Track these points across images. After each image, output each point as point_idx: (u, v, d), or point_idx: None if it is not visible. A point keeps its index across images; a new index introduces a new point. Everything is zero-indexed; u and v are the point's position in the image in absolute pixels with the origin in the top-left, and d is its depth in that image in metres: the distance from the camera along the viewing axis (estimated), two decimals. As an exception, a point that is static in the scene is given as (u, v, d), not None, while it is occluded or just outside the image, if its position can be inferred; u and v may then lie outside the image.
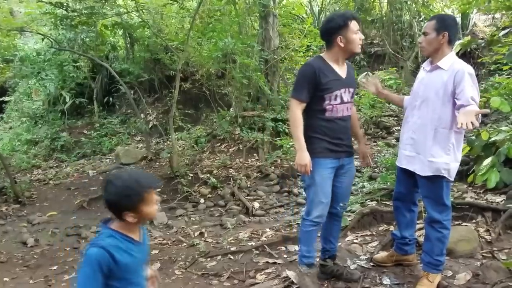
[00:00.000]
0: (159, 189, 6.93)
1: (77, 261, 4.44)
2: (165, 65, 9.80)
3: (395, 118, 8.90)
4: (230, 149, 8.10)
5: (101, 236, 1.68)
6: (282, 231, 4.66)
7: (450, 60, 2.65)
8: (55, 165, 9.56)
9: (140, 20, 9.09)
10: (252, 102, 8.93)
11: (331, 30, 2.66)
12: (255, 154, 8.00)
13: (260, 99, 8.96)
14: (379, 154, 7.15)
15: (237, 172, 7.28)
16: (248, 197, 6.44)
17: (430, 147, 2.67)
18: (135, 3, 8.21)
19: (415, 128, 2.77)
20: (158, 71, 10.43)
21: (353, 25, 2.66)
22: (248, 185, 6.93)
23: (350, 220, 4.11)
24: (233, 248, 4.15)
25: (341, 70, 2.76)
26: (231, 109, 8.91)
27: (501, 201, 4.07)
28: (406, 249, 3.14)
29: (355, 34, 2.66)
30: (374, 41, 10.71)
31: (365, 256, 3.42)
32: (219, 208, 6.16)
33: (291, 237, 4.11)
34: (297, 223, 4.82)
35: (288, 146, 7.60)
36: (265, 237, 4.51)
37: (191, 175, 7.06)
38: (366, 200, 4.83)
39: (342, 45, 2.65)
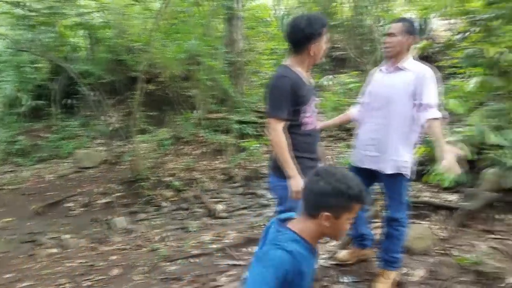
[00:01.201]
0: (122, 193, 6.85)
1: (32, 268, 4.27)
2: (128, 67, 9.60)
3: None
4: (194, 152, 8.04)
5: (283, 238, 1.47)
6: (245, 232, 4.65)
7: (412, 62, 2.73)
8: (11, 170, 9.16)
9: (102, 20, 8.91)
10: (217, 104, 8.91)
11: (309, 36, 2.42)
12: (219, 157, 7.98)
13: (225, 101, 8.95)
14: (340, 156, 7.28)
15: (202, 174, 7.23)
16: (212, 200, 6.39)
17: (393, 146, 2.75)
18: (97, 3, 8.04)
19: (378, 128, 2.81)
20: (121, 73, 10.21)
21: (325, 33, 2.50)
22: (213, 188, 6.90)
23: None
24: (195, 252, 4.10)
25: (307, 78, 2.58)
26: (195, 111, 8.85)
27: (455, 199, 4.23)
28: (365, 243, 3.25)
29: (325, 44, 2.50)
30: (336, 46, 10.90)
31: (324, 255, 3.46)
32: (182, 211, 6.08)
33: (254, 238, 4.11)
34: (260, 225, 4.83)
35: (252, 148, 7.63)
36: (228, 239, 4.48)
37: (154, 178, 6.94)
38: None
39: (312, 53, 2.47)
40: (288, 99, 2.42)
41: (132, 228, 5.44)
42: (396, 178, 2.78)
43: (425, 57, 10.43)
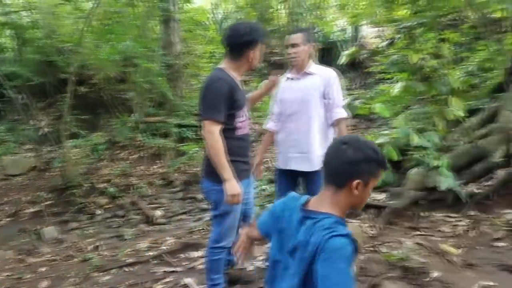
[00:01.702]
0: (52, 202, 6.50)
1: None
2: (58, 68, 9.13)
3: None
4: (131, 157, 7.81)
5: (329, 223, 1.39)
6: (184, 238, 4.59)
7: (317, 67, 3.01)
8: None
9: (30, 20, 8.42)
10: (155, 107, 8.72)
11: (249, 43, 2.50)
12: (158, 161, 7.81)
13: (164, 104, 8.79)
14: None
15: (139, 180, 7.04)
16: (150, 206, 6.24)
17: (315, 144, 2.94)
18: (24, 1, 7.58)
19: (298, 130, 2.97)
20: (51, 75, 9.68)
21: (263, 42, 2.59)
22: (151, 193, 6.74)
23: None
24: (130, 260, 3.98)
25: (241, 83, 2.64)
26: (132, 114, 8.60)
27: (383, 198, 4.46)
28: None
29: (260, 51, 2.60)
30: (274, 51, 11.11)
31: (262, 257, 3.50)
32: (118, 219, 5.88)
33: (192, 243, 4.07)
34: (199, 229, 4.79)
35: (191, 152, 7.55)
36: (166, 245, 4.39)
37: (87, 185, 6.66)
38: (265, 202, 4.96)
39: (250, 60, 2.55)
40: (225, 102, 2.44)
41: (63, 238, 5.19)
42: (319, 174, 2.95)
43: (355, 63, 10.97)
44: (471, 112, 5.25)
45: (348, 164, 1.44)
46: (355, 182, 1.43)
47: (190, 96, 9.49)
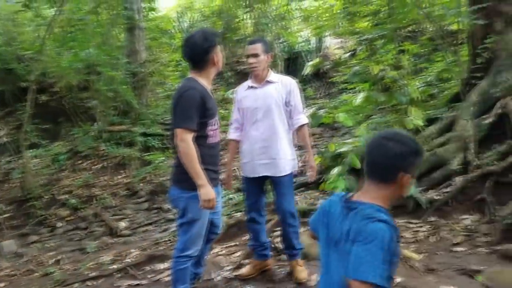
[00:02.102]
0: (10, 214, 6.23)
1: None
2: (18, 76, 8.82)
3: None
4: (94, 167, 7.61)
5: (370, 211, 1.41)
6: (149, 250, 4.51)
7: (276, 75, 3.16)
8: None
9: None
10: (119, 116, 8.56)
11: (209, 49, 2.55)
12: (122, 171, 7.66)
13: (128, 113, 8.65)
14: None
15: (102, 191, 6.87)
16: (114, 217, 6.10)
17: (283, 149, 3.05)
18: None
19: (265, 137, 3.03)
20: (10, 83, 9.33)
21: (219, 42, 2.68)
22: (114, 204, 6.58)
23: (216, 233, 4.17)
24: (93, 274, 3.87)
25: (211, 92, 2.69)
26: (95, 123, 8.40)
27: (348, 205, 4.54)
28: (266, 254, 3.35)
29: (221, 52, 2.68)
30: (241, 60, 11.18)
31: (229, 266, 3.49)
32: (80, 231, 5.71)
33: (158, 255, 4.00)
34: (165, 241, 4.73)
35: (157, 161, 7.45)
36: (130, 258, 4.31)
37: (48, 196, 6.44)
38: (232, 211, 4.95)
39: (215, 63, 2.61)
40: (197, 111, 2.48)
41: (23, 252, 5.00)
42: (289, 176, 3.10)
43: (319, 74, 11.19)
44: (430, 121, 5.47)
45: (396, 159, 1.46)
46: (404, 175, 1.46)
47: (155, 105, 9.38)
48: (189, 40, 2.61)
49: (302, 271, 3.15)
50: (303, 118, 3.14)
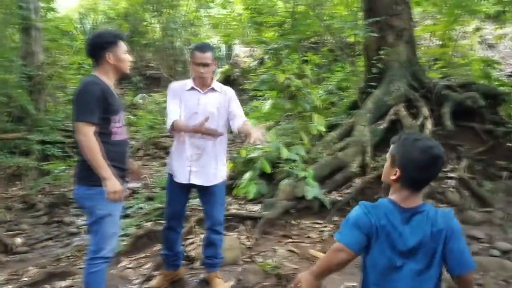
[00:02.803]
0: None
1: None
2: None
3: (172, 139, 9.24)
4: (-17, 179, 6.87)
5: (437, 210, 1.58)
6: (49, 267, 4.18)
7: (219, 84, 3.13)
8: None
9: None
10: (13, 122, 7.84)
11: (100, 46, 2.55)
12: (18, 182, 7.02)
13: (24, 119, 7.97)
14: (157, 174, 7.25)
15: (-6, 204, 6.21)
16: (9, 233, 5.54)
17: (218, 158, 3.02)
18: None
19: (199, 144, 2.98)
20: None
21: (122, 44, 2.62)
22: (9, 219, 5.99)
23: (124, 245, 4.00)
24: (-17, 297, 3.49)
25: (115, 90, 2.67)
26: (-16, 131, 7.60)
27: (258, 209, 4.66)
28: (178, 264, 3.29)
29: (125, 54, 2.62)
30: (150, 64, 10.93)
31: (137, 279, 3.37)
32: (-33, 251, 5.10)
33: (58, 272, 3.72)
34: (67, 256, 4.42)
35: (57, 171, 6.95)
36: (27, 276, 3.95)
37: None
38: (142, 221, 4.79)
39: (112, 62, 2.57)
40: (98, 105, 2.45)
41: None
42: (221, 186, 3.09)
43: (230, 81, 11.36)
44: (331, 127, 5.85)
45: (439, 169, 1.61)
46: None
47: (55, 110, 8.77)
48: (88, 37, 2.70)
49: (221, 284, 3.12)
50: (244, 118, 3.11)
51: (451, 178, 5.00)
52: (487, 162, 5.36)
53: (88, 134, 2.41)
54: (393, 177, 1.59)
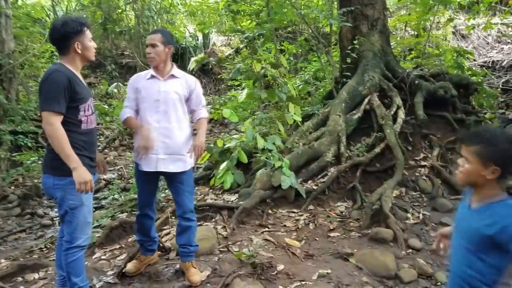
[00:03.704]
0: None
1: None
2: None
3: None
4: (-50, 171, 6.64)
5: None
6: (21, 259, 4.10)
7: (180, 71, 3.07)
8: None
9: None
10: (-18, 112, 7.59)
11: (68, 34, 2.48)
12: (-12, 174, 6.81)
13: (-6, 109, 7.71)
14: (132, 165, 7.17)
15: (-37, 197, 6.04)
16: (-22, 226, 5.41)
17: (183, 145, 2.98)
18: None
19: (165, 132, 2.95)
20: None
21: (88, 32, 2.57)
22: (-22, 212, 5.84)
23: (98, 236, 3.96)
24: (-50, 293, 3.40)
25: (81, 78, 2.62)
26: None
27: (235, 199, 4.67)
28: (154, 249, 3.36)
29: (90, 42, 2.58)
30: (125, 52, 10.70)
31: (112, 271, 3.35)
32: None
33: (30, 264, 3.66)
34: (40, 248, 4.35)
35: (29, 162, 6.79)
36: (-1, 269, 3.87)
37: None
38: (116, 212, 4.75)
39: (79, 51, 2.52)
40: (65, 93, 2.41)
41: None
42: (189, 173, 3.07)
43: (207, 70, 11.26)
44: (308, 117, 5.88)
45: None
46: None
47: (27, 100, 8.53)
48: (53, 24, 2.56)
49: (196, 274, 3.12)
50: (203, 111, 3.12)
51: (423, 166, 5.12)
52: (459, 151, 5.50)
53: (54, 123, 2.37)
54: (491, 176, 1.62)
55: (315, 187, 4.79)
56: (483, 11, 10.55)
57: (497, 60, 10.75)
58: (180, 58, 11.03)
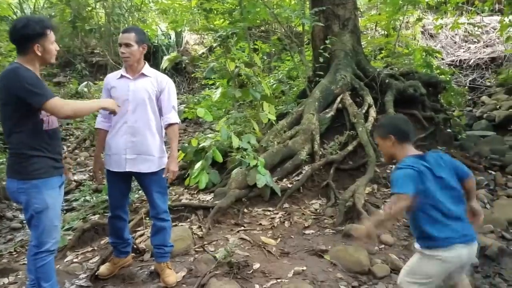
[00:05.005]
0: None
1: None
2: None
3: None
4: None
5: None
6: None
7: (152, 69, 3.03)
8: None
9: None
10: None
11: (28, 36, 2.39)
12: (-48, 177, 6.55)
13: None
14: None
15: None
16: None
17: (153, 145, 2.94)
18: None
19: (133, 131, 2.91)
20: None
21: (52, 34, 2.49)
22: None
23: (69, 239, 3.88)
24: None
25: (41, 76, 2.54)
26: None
27: (210, 199, 4.66)
28: (128, 251, 3.31)
29: (52, 45, 2.49)
30: (96, 51, 10.48)
31: (85, 274, 3.29)
32: None
33: None
34: (10, 252, 4.22)
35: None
36: (-35, 276, 3.73)
37: None
38: (88, 214, 4.66)
39: (39, 54, 2.43)
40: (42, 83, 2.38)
41: None
42: (160, 174, 3.00)
43: (180, 69, 11.16)
44: (282, 116, 5.92)
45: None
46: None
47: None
48: (13, 24, 2.47)
49: (171, 275, 3.09)
50: (173, 117, 2.99)
51: (394, 163, 5.23)
52: (428, 148, 5.64)
53: (62, 104, 2.41)
54: (390, 144, 2.27)
55: (290, 185, 4.83)
56: (451, 11, 10.88)
57: (464, 59, 11.11)
58: (152, 56, 10.88)
